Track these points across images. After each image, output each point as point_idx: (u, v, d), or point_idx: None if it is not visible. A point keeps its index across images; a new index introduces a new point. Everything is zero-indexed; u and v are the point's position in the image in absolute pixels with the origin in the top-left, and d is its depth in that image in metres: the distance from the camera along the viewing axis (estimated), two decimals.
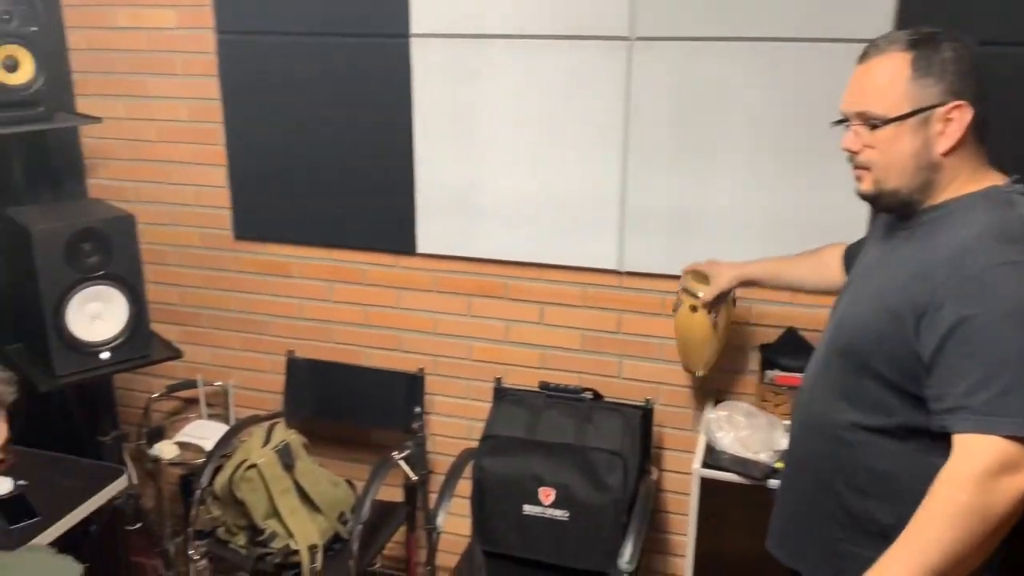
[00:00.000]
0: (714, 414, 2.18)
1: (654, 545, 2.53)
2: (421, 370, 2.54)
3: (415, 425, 1.89)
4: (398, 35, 2.36)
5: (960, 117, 1.29)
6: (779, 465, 2.01)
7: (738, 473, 2.04)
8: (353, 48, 2.41)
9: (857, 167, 1.40)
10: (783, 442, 2.04)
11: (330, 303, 2.67)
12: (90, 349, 2.27)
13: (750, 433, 2.12)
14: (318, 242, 2.62)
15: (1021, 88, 1.93)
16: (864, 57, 1.37)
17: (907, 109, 1.30)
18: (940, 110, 1.29)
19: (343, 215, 2.56)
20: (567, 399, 2.36)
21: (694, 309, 2.05)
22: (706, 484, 2.09)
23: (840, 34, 2.01)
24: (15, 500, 2.00)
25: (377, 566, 2.41)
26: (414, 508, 2.02)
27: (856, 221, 1.97)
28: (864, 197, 1.41)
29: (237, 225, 2.70)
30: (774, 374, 2.19)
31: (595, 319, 2.44)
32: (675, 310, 2.13)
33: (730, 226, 2.23)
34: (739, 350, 2.31)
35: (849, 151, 1.39)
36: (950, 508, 1.20)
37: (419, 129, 2.42)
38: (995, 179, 1.35)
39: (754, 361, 2.29)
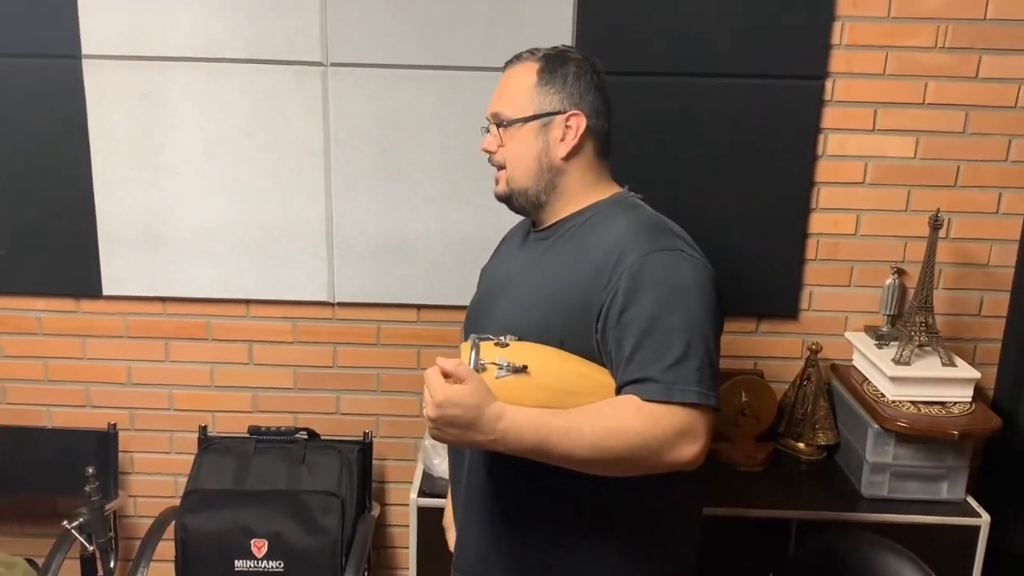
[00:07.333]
0: (428, 441, 2.15)
1: None
2: (113, 426, 2.28)
3: (88, 488, 1.68)
4: (67, 56, 2.13)
5: (576, 125, 1.41)
6: None
7: None
8: (16, 69, 2.14)
9: (497, 169, 1.48)
10: None
11: (0, 358, 2.33)
12: None
13: None
14: None
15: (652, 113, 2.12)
16: (506, 66, 1.48)
17: (531, 112, 1.41)
18: (559, 117, 1.41)
19: (10, 256, 2.25)
20: (279, 442, 2.23)
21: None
22: (426, 513, 2.05)
23: None
24: None
25: None
26: None
27: None
28: (499, 198, 1.49)
29: None
30: None
31: (309, 354, 2.33)
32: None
33: (436, 250, 2.24)
34: None
35: (486, 151, 1.48)
36: (630, 423, 1.23)
37: (98, 160, 2.19)
38: (617, 189, 1.48)
39: None
